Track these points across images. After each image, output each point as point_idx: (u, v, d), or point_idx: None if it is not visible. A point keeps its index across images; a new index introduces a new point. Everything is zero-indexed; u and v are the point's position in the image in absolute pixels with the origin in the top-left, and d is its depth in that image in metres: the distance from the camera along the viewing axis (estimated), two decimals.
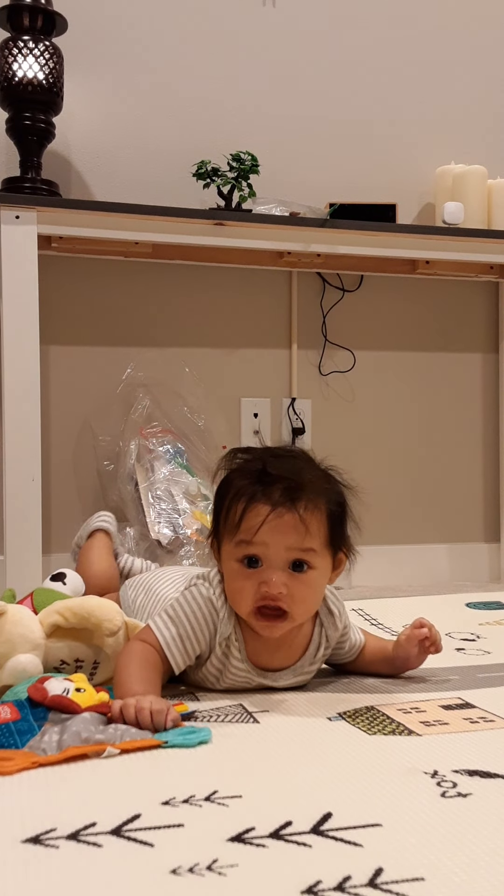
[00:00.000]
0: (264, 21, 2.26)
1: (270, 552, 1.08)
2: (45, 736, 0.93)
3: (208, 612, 1.13)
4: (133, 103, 2.18)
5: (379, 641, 1.29)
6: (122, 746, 0.92)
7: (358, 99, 2.34)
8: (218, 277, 2.23)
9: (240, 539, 1.09)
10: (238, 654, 1.15)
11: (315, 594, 1.13)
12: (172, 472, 1.99)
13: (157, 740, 0.94)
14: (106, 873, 0.66)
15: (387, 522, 2.35)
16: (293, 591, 1.08)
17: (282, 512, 1.08)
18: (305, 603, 1.11)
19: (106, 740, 0.93)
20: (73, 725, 0.94)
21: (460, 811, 0.78)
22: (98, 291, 2.15)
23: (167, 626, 1.13)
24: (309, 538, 1.09)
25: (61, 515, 2.08)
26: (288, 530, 1.08)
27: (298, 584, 1.09)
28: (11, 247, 1.83)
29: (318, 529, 1.10)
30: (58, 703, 0.99)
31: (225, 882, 0.65)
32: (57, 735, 0.93)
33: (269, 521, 1.07)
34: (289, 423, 2.27)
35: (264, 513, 1.08)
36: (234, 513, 1.10)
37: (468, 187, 2.21)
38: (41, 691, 1.01)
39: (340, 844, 0.71)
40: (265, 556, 1.09)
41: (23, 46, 1.90)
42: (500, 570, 2.42)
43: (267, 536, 1.08)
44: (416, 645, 1.23)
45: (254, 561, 1.09)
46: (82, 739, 0.92)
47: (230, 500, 1.11)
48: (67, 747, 0.91)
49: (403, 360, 2.38)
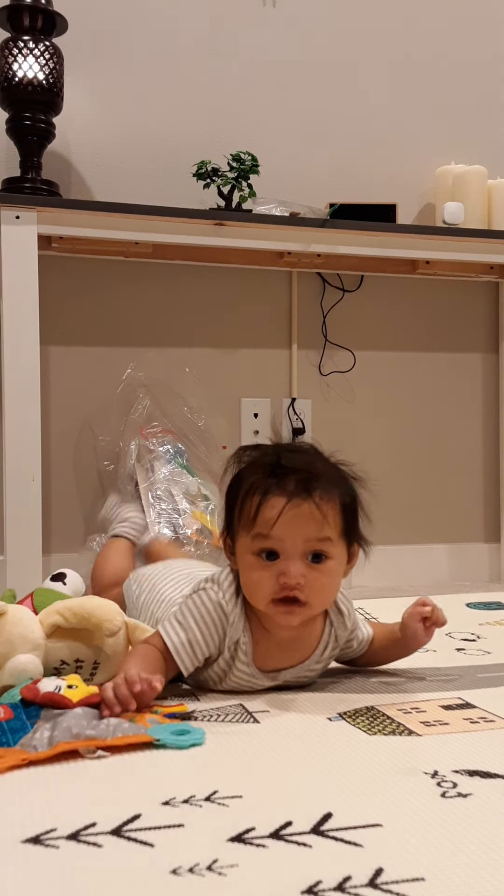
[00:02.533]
0: (264, 21, 2.26)
1: (288, 544, 1.08)
2: (37, 733, 0.93)
3: (217, 617, 1.13)
4: (133, 103, 2.18)
5: (385, 627, 1.29)
6: (113, 742, 0.91)
7: (358, 99, 2.34)
8: (218, 277, 2.23)
9: (256, 532, 1.09)
10: (244, 658, 1.14)
11: (333, 584, 1.13)
12: (172, 472, 1.99)
13: (150, 736, 0.93)
14: (106, 873, 0.66)
15: (387, 522, 2.35)
16: (311, 581, 1.08)
17: (298, 503, 1.08)
18: (323, 593, 1.11)
19: (97, 736, 0.92)
20: (64, 721, 0.94)
21: (460, 811, 0.78)
22: (98, 291, 2.15)
23: (176, 632, 1.12)
24: (326, 527, 1.09)
25: (61, 515, 2.08)
26: (305, 521, 1.08)
27: (317, 574, 1.09)
28: (11, 247, 1.83)
29: (333, 519, 1.10)
30: (49, 700, 0.99)
31: (225, 882, 0.65)
32: (48, 731, 0.92)
33: (286, 513, 1.07)
34: (289, 423, 2.27)
35: (280, 505, 1.07)
36: (248, 507, 1.10)
37: (468, 187, 2.21)
38: (33, 690, 1.01)
39: (341, 844, 0.71)
40: (283, 549, 1.08)
41: (23, 46, 1.90)
42: (500, 570, 2.42)
43: (284, 529, 1.08)
44: (420, 621, 1.23)
45: (272, 554, 1.09)
46: (73, 735, 0.91)
47: (244, 494, 1.11)
48: (57, 743, 0.90)
49: (403, 360, 2.38)
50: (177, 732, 0.96)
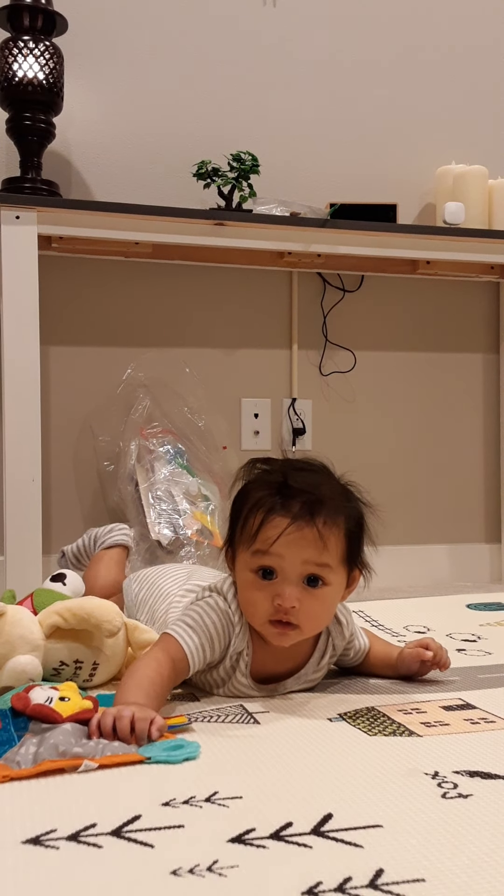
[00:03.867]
0: (264, 21, 2.26)
1: (286, 564, 1.08)
2: (23, 748, 0.90)
3: (224, 626, 1.13)
4: (133, 103, 2.18)
5: (385, 647, 1.29)
6: (101, 761, 0.89)
7: (358, 99, 2.34)
8: (218, 277, 2.23)
9: (256, 549, 1.09)
10: (244, 670, 1.14)
11: (327, 610, 1.13)
12: (173, 472, 1.99)
13: (140, 755, 0.90)
14: (106, 874, 0.66)
15: (387, 523, 2.32)
16: (305, 605, 1.08)
17: (301, 525, 1.07)
18: (316, 619, 1.11)
19: (84, 754, 0.89)
20: (52, 738, 0.91)
21: (461, 812, 0.78)
22: (98, 291, 2.15)
23: (190, 636, 1.11)
24: (326, 554, 1.08)
25: (61, 516, 2.08)
26: (306, 544, 1.07)
27: (311, 599, 1.08)
28: (11, 247, 1.83)
29: (335, 546, 1.09)
30: (38, 713, 0.96)
31: (225, 883, 0.65)
32: (34, 747, 0.90)
33: (288, 534, 1.07)
34: (289, 423, 2.27)
35: (283, 525, 1.07)
36: (251, 523, 1.09)
37: (469, 187, 2.21)
38: (24, 700, 0.98)
39: (341, 845, 0.71)
40: (280, 569, 1.08)
41: (23, 46, 1.90)
42: (500, 570, 2.42)
43: (283, 548, 1.07)
44: (419, 663, 1.23)
45: (268, 573, 1.08)
46: (59, 753, 0.89)
47: (248, 509, 1.10)
48: (42, 761, 0.87)
49: (403, 360, 2.38)
50: (170, 748, 0.92)
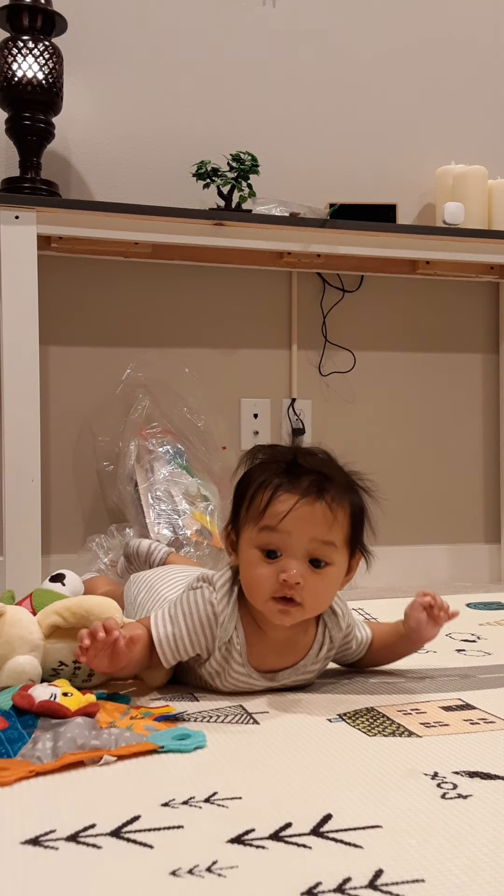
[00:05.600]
0: (264, 21, 2.26)
1: (293, 541, 1.08)
2: (38, 743, 0.91)
3: (206, 616, 1.13)
4: (133, 103, 2.18)
5: (386, 626, 1.29)
6: (118, 752, 0.91)
7: (358, 99, 2.34)
8: (218, 277, 2.23)
9: (264, 525, 1.09)
10: (239, 658, 1.14)
11: (330, 590, 1.13)
12: (172, 472, 1.99)
13: (154, 745, 0.93)
14: (105, 875, 0.66)
15: (387, 523, 2.33)
16: (309, 583, 1.09)
17: (311, 500, 1.08)
18: (320, 597, 1.12)
19: (101, 746, 0.91)
20: (68, 731, 0.92)
21: (460, 813, 0.78)
22: (98, 291, 2.15)
23: (165, 625, 1.14)
24: (334, 531, 1.10)
25: (61, 516, 2.08)
26: (314, 520, 1.08)
27: (316, 578, 1.09)
28: (11, 247, 1.83)
29: (342, 525, 1.11)
30: (47, 709, 0.97)
31: (224, 883, 0.65)
32: (50, 742, 0.91)
33: (297, 509, 1.08)
34: (289, 423, 2.27)
35: (292, 501, 1.08)
36: (259, 500, 1.10)
37: (468, 187, 2.21)
38: (27, 698, 0.99)
39: (340, 846, 0.71)
40: (286, 546, 1.09)
41: (22, 46, 1.90)
42: (500, 570, 2.42)
43: (292, 524, 1.08)
44: (424, 610, 1.22)
45: (273, 553, 1.09)
46: (78, 746, 0.90)
47: (255, 488, 1.11)
48: (64, 754, 0.89)
49: (403, 361, 2.38)
50: (177, 737, 0.96)
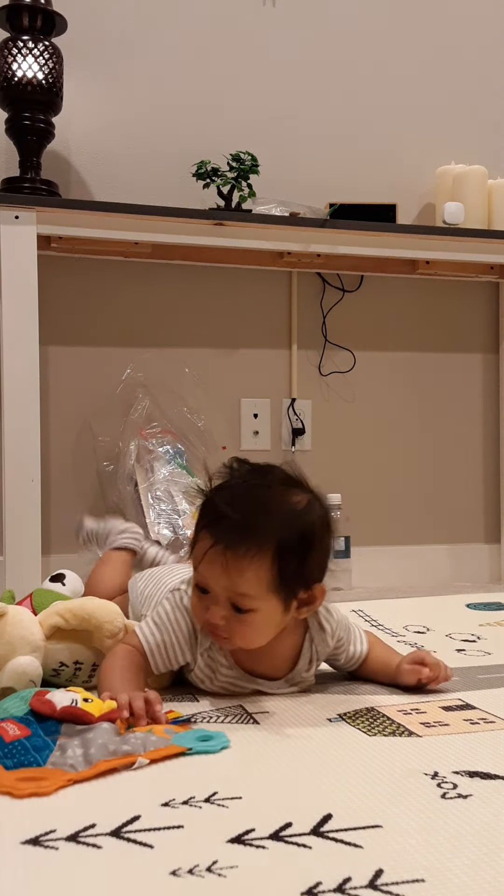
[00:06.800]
0: (264, 21, 2.26)
1: (211, 586, 1.08)
2: (68, 751, 0.89)
3: (185, 623, 1.13)
4: (133, 103, 2.18)
5: (386, 654, 1.24)
6: (149, 756, 0.90)
7: (358, 99, 2.34)
8: (218, 277, 2.23)
9: (193, 563, 1.10)
10: (225, 661, 1.14)
11: (257, 632, 1.09)
12: (172, 472, 1.99)
13: (182, 747, 0.92)
14: (105, 874, 0.66)
15: (387, 523, 2.35)
16: (232, 626, 1.07)
17: (216, 552, 1.05)
18: (247, 639, 1.09)
19: (132, 751, 0.90)
20: (98, 738, 0.91)
21: (461, 812, 0.78)
22: (98, 291, 2.15)
23: (152, 633, 1.13)
24: (242, 584, 1.05)
25: (61, 516, 2.08)
26: (219, 573, 1.05)
27: (238, 622, 1.07)
28: (11, 247, 1.83)
29: (255, 575, 1.04)
30: (71, 715, 0.95)
31: (224, 883, 0.65)
32: (80, 749, 0.89)
33: (206, 559, 1.06)
34: (289, 423, 2.27)
35: (206, 546, 1.06)
36: (196, 531, 1.10)
37: (468, 187, 2.21)
38: (48, 704, 0.97)
39: (340, 846, 0.71)
40: (209, 588, 1.08)
41: (22, 46, 1.90)
42: (500, 570, 2.42)
43: (206, 571, 1.07)
44: (416, 680, 1.18)
45: (204, 590, 1.08)
46: (110, 752, 0.89)
47: (199, 515, 1.11)
48: (98, 761, 0.87)
49: (403, 360, 2.38)
50: (200, 739, 0.95)
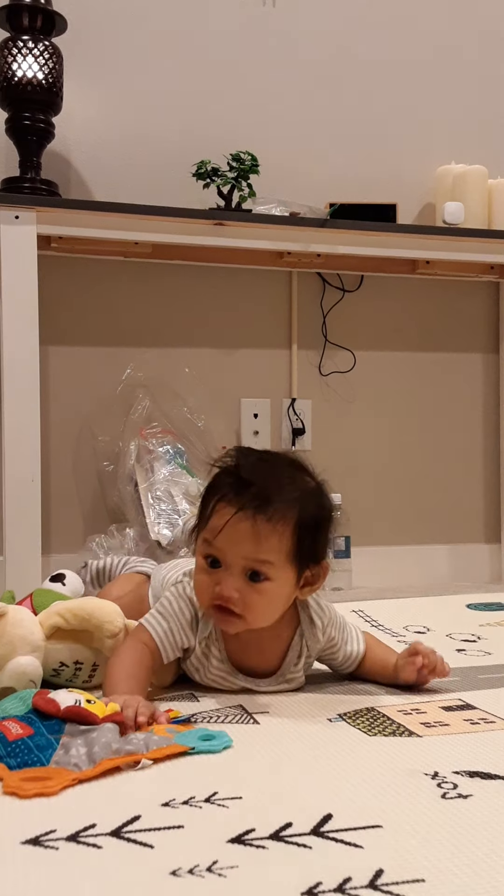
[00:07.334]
0: (264, 21, 2.26)
1: (228, 556, 1.08)
2: (72, 750, 0.89)
3: (188, 610, 1.15)
4: (133, 103, 2.18)
5: (384, 654, 1.24)
6: (152, 755, 0.90)
7: (358, 99, 2.34)
8: (218, 277, 2.23)
9: (205, 536, 1.10)
10: (218, 654, 1.15)
11: (270, 605, 1.10)
12: (172, 472, 1.99)
13: (184, 746, 0.92)
14: (105, 875, 0.66)
15: (387, 523, 2.35)
16: (246, 598, 1.07)
17: (242, 517, 1.06)
18: (258, 611, 1.09)
19: (135, 750, 0.90)
20: (102, 737, 0.91)
21: (461, 812, 0.78)
22: (98, 291, 2.15)
23: (159, 623, 1.14)
24: (266, 550, 1.06)
25: (61, 516, 2.08)
26: (245, 538, 1.06)
27: (252, 592, 1.08)
28: (11, 247, 1.83)
29: (280, 542, 1.07)
30: (75, 714, 0.95)
31: (225, 883, 0.65)
32: (84, 748, 0.89)
33: (229, 526, 1.06)
34: (289, 423, 2.27)
35: (227, 516, 1.06)
36: (206, 508, 1.10)
37: (468, 187, 2.21)
38: (52, 703, 0.97)
39: (341, 846, 0.71)
40: (224, 559, 1.08)
41: (22, 46, 1.90)
42: (500, 570, 2.42)
43: (225, 541, 1.07)
44: (415, 672, 1.19)
45: (215, 562, 1.09)
46: (113, 751, 0.89)
47: (206, 494, 1.12)
48: (101, 760, 0.87)
49: (403, 360, 2.38)
50: (202, 738, 0.95)
